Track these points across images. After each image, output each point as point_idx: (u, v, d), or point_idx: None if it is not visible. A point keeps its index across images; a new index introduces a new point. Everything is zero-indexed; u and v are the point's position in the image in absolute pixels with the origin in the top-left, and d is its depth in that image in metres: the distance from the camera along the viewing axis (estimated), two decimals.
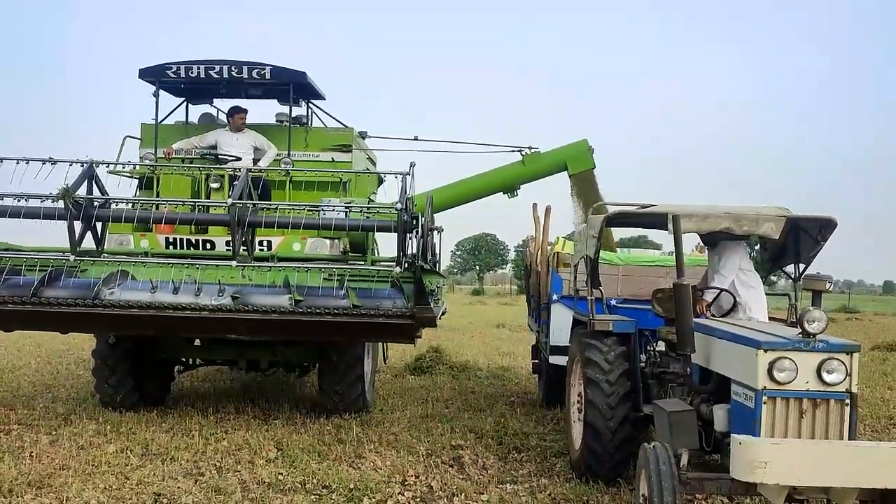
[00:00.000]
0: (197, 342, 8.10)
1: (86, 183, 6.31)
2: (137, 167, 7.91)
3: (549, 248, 8.74)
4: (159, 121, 8.40)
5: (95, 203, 6.29)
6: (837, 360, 3.99)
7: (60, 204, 6.06)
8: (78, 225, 6.20)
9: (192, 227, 7.38)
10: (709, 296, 5.70)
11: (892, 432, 7.96)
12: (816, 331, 4.00)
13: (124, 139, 8.33)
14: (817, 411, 4.02)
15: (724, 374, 4.54)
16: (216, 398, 8.69)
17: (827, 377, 3.99)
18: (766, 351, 4.04)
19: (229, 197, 6.34)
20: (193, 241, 7.45)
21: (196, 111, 9.24)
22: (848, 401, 4.00)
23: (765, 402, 4.02)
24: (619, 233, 11.68)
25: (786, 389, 4.02)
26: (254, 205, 6.28)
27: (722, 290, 5.70)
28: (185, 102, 8.85)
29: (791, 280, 5.98)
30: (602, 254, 7.26)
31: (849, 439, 4.01)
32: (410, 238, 6.26)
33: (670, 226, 5.10)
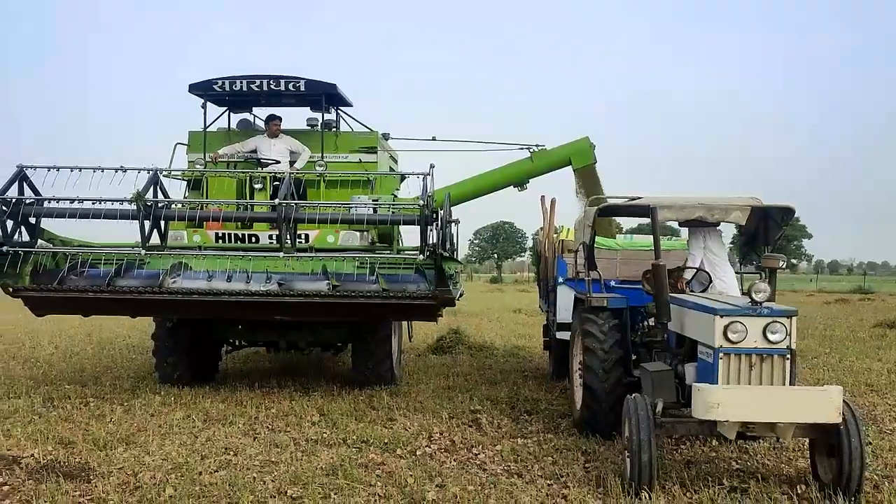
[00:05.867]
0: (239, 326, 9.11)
1: (152, 187, 7.33)
2: (192, 171, 8.93)
3: (555, 236, 9.67)
4: (205, 128, 9.40)
5: (161, 204, 7.31)
6: (780, 322, 4.91)
7: (132, 206, 7.09)
8: (147, 224, 7.22)
9: (238, 222, 8.39)
10: (687, 274, 6.62)
11: (867, 395, 8.82)
12: (762, 299, 4.93)
13: (175, 146, 9.34)
14: (763, 364, 4.94)
15: (693, 337, 5.47)
16: (259, 376, 9.73)
17: (771, 336, 4.90)
18: (721, 316, 4.96)
19: (275, 198, 7.33)
20: (240, 236, 8.44)
21: (234, 117, 10.23)
22: (788, 355, 4.92)
23: (721, 358, 4.96)
24: (629, 221, 12.53)
25: (738, 347, 4.94)
26: (296, 204, 7.26)
27: (698, 269, 6.61)
28: (228, 111, 9.83)
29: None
30: (601, 240, 8.23)
31: (790, 386, 4.94)
32: (431, 230, 7.21)
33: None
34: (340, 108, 9.76)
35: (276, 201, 7.04)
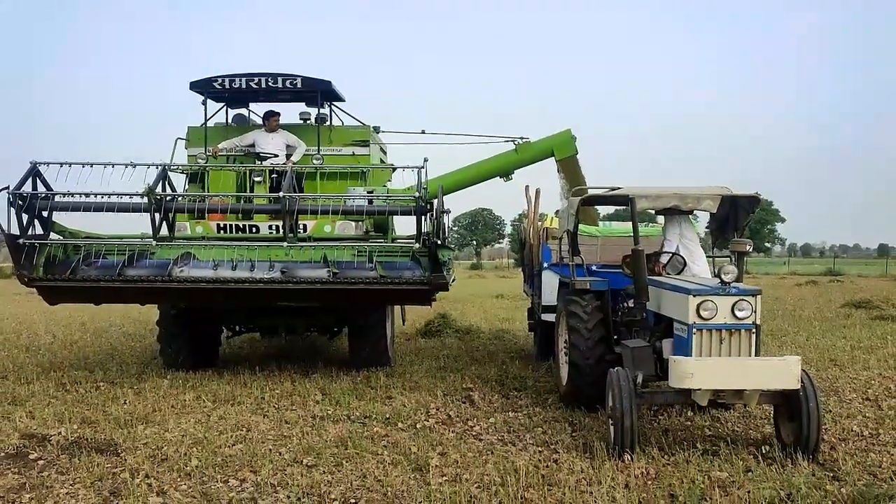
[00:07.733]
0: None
1: (161, 181, 7.73)
2: (192, 165, 9.32)
3: (539, 223, 10.21)
4: (202, 124, 9.77)
5: (170, 198, 7.72)
6: (746, 301, 5.47)
7: (143, 199, 7.49)
8: (157, 216, 7.62)
9: (241, 214, 8.80)
10: (663, 258, 7.18)
11: (831, 370, 9.46)
12: (730, 280, 5.50)
13: (176, 141, 9.72)
14: (732, 338, 5.51)
15: (669, 315, 6.03)
16: (258, 360, 10.17)
17: (738, 313, 5.47)
18: (694, 296, 5.52)
19: (274, 190, 7.75)
20: (241, 226, 8.85)
21: (231, 112, 10.60)
22: (754, 330, 5.49)
23: (695, 333, 5.51)
24: (605, 208, 13.07)
25: (709, 323, 5.51)
26: (300, 196, 7.70)
27: (674, 254, 7.17)
28: (226, 107, 10.21)
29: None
30: (583, 228, 8.76)
31: (755, 357, 5.51)
32: (425, 219, 7.69)
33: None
34: (334, 103, 10.17)
35: (281, 194, 7.48)
